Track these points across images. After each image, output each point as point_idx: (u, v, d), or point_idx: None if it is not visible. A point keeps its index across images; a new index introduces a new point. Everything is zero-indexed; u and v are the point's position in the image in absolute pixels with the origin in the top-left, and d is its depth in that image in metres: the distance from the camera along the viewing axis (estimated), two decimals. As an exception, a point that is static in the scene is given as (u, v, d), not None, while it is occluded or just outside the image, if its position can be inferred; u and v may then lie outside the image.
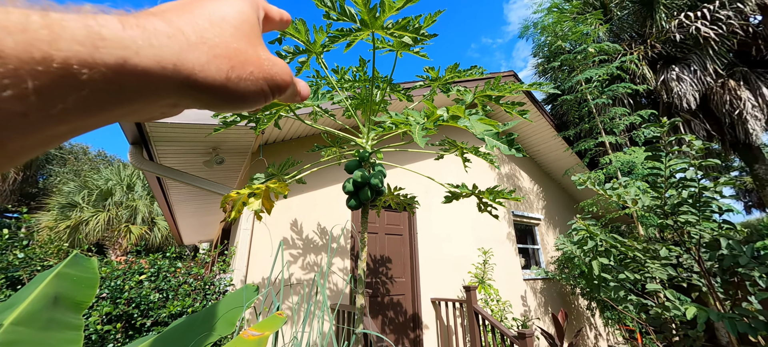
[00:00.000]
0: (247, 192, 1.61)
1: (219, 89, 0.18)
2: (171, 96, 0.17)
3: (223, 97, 0.18)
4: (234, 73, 0.18)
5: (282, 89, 0.22)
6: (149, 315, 2.24)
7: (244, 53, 0.19)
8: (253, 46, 0.20)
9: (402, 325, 3.92)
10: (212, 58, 0.17)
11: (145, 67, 0.15)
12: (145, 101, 0.16)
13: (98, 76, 0.13)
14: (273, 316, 1.03)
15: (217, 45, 0.18)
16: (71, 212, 10.41)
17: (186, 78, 0.16)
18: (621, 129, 4.37)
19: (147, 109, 0.17)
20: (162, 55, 0.15)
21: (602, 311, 5.19)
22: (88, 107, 0.14)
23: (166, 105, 0.17)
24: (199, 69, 0.17)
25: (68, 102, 0.13)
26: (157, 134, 2.74)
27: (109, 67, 0.14)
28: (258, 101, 0.20)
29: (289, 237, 3.46)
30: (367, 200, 1.99)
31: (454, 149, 2.48)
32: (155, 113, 0.18)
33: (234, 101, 0.19)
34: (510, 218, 5.81)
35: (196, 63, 0.17)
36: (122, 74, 0.14)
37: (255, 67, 0.19)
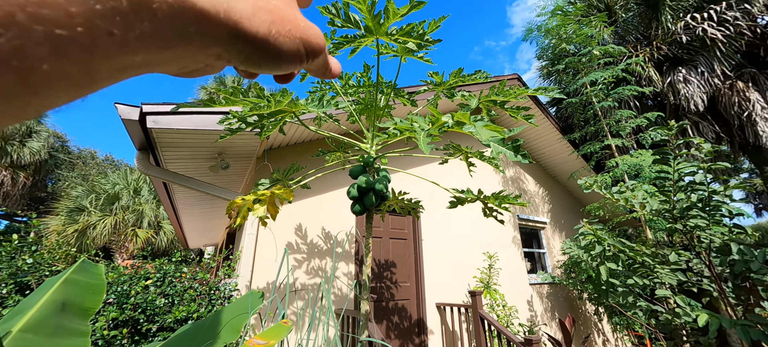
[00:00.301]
0: (252, 198, 1.62)
1: (262, 42, 0.19)
2: (219, 43, 0.17)
3: (264, 51, 0.19)
4: (275, 27, 0.19)
5: (316, 51, 0.22)
6: (155, 320, 2.25)
7: (284, 11, 0.20)
8: (292, 7, 0.21)
9: (407, 330, 3.89)
10: (257, 10, 0.18)
11: (202, 6, 0.16)
12: (199, 44, 0.17)
13: (166, 8, 0.14)
14: (278, 325, 1.03)
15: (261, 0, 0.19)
16: (79, 217, 10.54)
17: (235, 24, 0.17)
18: (627, 132, 4.32)
19: (198, 54, 0.17)
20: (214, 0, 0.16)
21: (610, 316, 5.10)
22: (158, 37, 0.15)
23: (213, 54, 0.18)
24: (247, 18, 0.18)
25: (144, 27, 0.14)
26: (164, 139, 2.77)
27: (176, 0, 0.15)
28: (294, 62, 0.21)
29: (293, 242, 3.46)
30: (372, 206, 1.99)
31: (459, 153, 2.47)
32: (201, 63, 0.19)
33: (274, 57, 0.20)
34: (515, 222, 5.76)
35: (244, 12, 0.18)
36: (184, 9, 0.15)
37: (293, 25, 0.20)
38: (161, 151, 2.95)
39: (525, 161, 1.08)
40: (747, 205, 16.90)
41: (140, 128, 2.50)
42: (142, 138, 2.71)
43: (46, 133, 13.61)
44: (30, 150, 12.68)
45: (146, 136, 2.65)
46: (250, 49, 0.18)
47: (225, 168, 3.20)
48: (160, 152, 2.96)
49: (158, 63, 0.16)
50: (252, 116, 1.51)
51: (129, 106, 2.42)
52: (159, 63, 0.16)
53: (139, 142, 2.78)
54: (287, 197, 1.65)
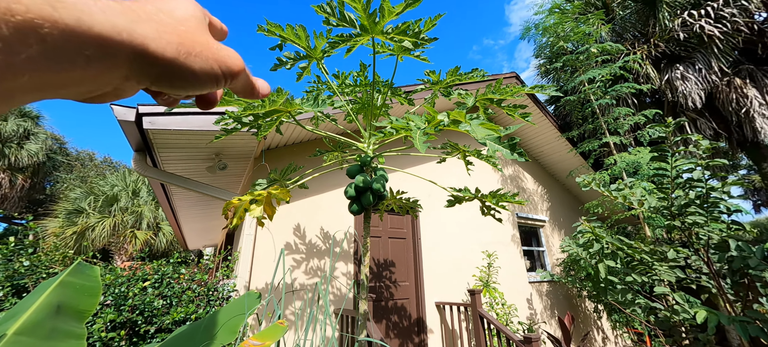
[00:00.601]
0: (248, 199, 1.61)
1: (170, 62, 0.19)
2: (123, 65, 0.17)
3: (173, 71, 0.19)
4: (183, 48, 0.19)
5: (234, 73, 0.22)
6: (153, 322, 2.24)
7: (192, 34, 0.20)
8: (201, 32, 0.21)
9: (406, 329, 3.89)
10: (162, 33, 0.18)
11: (100, 30, 0.16)
12: (101, 67, 0.16)
13: (58, 32, 0.14)
14: (274, 325, 1.02)
15: (166, 24, 0.19)
16: (77, 219, 10.51)
17: (139, 46, 0.17)
18: (625, 129, 4.32)
19: (103, 77, 0.17)
20: (115, 22, 0.16)
21: (610, 314, 5.11)
22: (50, 59, 0.15)
23: (119, 76, 0.18)
24: (152, 40, 0.18)
25: (32, 51, 0.14)
26: (160, 140, 2.76)
27: (68, 25, 0.15)
28: (209, 82, 0.21)
29: (291, 242, 3.46)
30: (370, 205, 1.98)
31: (457, 152, 2.47)
32: (109, 86, 0.18)
33: (186, 77, 0.20)
34: (514, 220, 5.76)
35: (147, 34, 0.18)
36: (79, 33, 0.15)
37: (204, 47, 0.20)
38: (158, 152, 2.94)
39: (521, 160, 1.08)
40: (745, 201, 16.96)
41: (137, 129, 2.49)
42: (138, 139, 2.69)
43: (44, 135, 13.57)
44: (28, 152, 12.64)
45: (143, 137, 2.64)
46: (158, 70, 0.18)
47: (222, 169, 3.19)
48: (157, 153, 2.95)
49: (55, 86, 0.16)
50: (247, 116, 1.50)
51: (125, 107, 2.40)
52: (56, 86, 0.16)
53: (136, 143, 2.77)
54: (284, 198, 1.64)
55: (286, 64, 1.78)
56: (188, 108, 2.55)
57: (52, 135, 14.17)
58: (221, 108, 2.68)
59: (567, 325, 3.49)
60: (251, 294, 1.68)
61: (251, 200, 1.60)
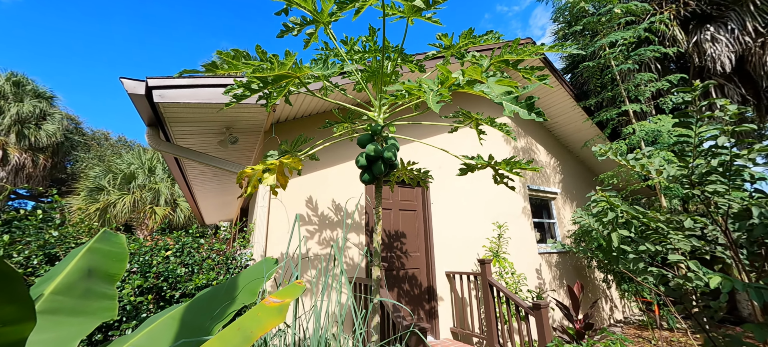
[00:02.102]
0: (261, 168, 1.63)
1: None
2: None
3: None
4: None
5: None
6: (177, 288, 2.37)
7: None
8: None
9: (417, 297, 4.01)
10: None
11: None
12: None
13: None
14: (293, 285, 1.06)
15: None
16: (99, 196, 10.96)
17: None
18: (647, 96, 4.11)
19: None
20: None
21: (619, 283, 5.15)
22: None
23: None
24: None
25: None
26: (172, 114, 2.77)
27: None
28: None
29: (304, 214, 3.53)
30: (381, 174, 1.98)
31: (469, 120, 2.41)
32: None
33: None
34: (525, 192, 5.71)
35: None
36: None
37: None
38: (170, 126, 2.97)
39: (539, 119, 1.04)
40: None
41: (147, 102, 2.51)
42: (150, 114, 2.72)
43: (60, 115, 13.88)
44: (46, 133, 13.02)
45: (154, 111, 2.66)
46: None
47: (234, 142, 3.22)
48: (169, 128, 2.98)
49: None
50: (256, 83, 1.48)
51: (134, 80, 2.41)
52: None
53: (148, 117, 2.80)
54: (296, 166, 1.65)
55: (293, 30, 1.73)
56: (197, 79, 2.53)
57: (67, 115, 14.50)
58: (229, 80, 2.66)
59: (576, 293, 3.54)
60: (268, 260, 1.74)
61: (264, 170, 1.61)
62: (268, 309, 0.95)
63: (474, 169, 2.05)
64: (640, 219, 2.51)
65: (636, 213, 2.51)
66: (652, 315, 5.44)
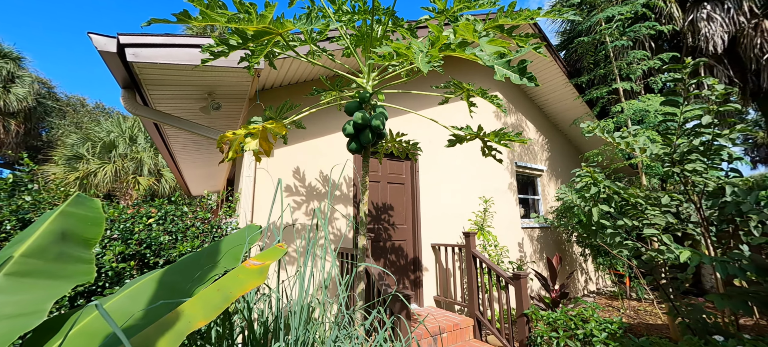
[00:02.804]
0: (244, 132, 1.56)
1: None
2: None
3: None
4: None
5: None
6: (161, 255, 2.34)
7: None
8: None
9: (403, 267, 4.12)
10: None
11: None
12: None
13: None
14: (274, 247, 1.05)
15: None
16: (78, 164, 10.56)
17: None
18: (638, 75, 4.11)
19: None
20: None
21: (595, 257, 5.41)
22: None
23: None
24: None
25: None
26: (148, 76, 2.61)
27: None
28: None
29: (291, 185, 3.49)
30: (368, 143, 1.94)
31: (460, 91, 2.36)
32: None
33: None
34: (513, 169, 5.79)
35: None
36: None
37: None
38: (147, 89, 2.81)
39: (531, 84, 1.01)
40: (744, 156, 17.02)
41: (120, 62, 2.34)
42: (124, 75, 2.55)
43: (30, 78, 13.01)
44: (16, 96, 12.23)
45: (129, 72, 2.50)
46: None
47: (216, 109, 3.09)
48: (146, 91, 2.82)
49: None
50: (235, 39, 1.38)
51: (105, 36, 2.23)
52: None
53: (123, 79, 2.63)
54: (279, 132, 1.59)
55: (276, -17, 1.60)
56: (174, 38, 2.37)
57: (38, 78, 13.60)
58: (204, 40, 2.50)
59: (554, 265, 3.71)
60: (252, 227, 1.71)
61: (246, 134, 1.55)
62: (248, 271, 0.93)
63: (463, 140, 2.03)
64: (621, 195, 2.59)
65: (617, 189, 2.57)
66: (623, 286, 5.79)
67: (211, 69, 2.64)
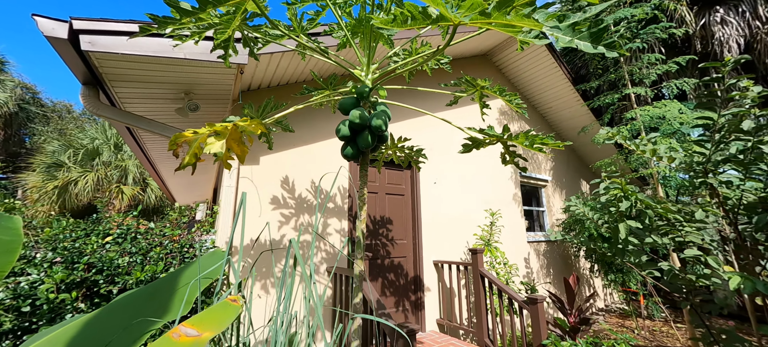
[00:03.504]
0: (207, 131, 1.21)
1: None
2: None
3: None
4: None
5: None
6: (116, 281, 1.94)
7: None
8: None
9: (402, 287, 3.73)
10: None
11: None
12: None
13: None
14: (223, 303, 0.68)
15: None
16: (58, 172, 10.02)
17: None
18: (652, 79, 3.86)
19: None
20: None
21: (606, 273, 5.08)
22: None
23: None
24: None
25: None
26: (111, 70, 2.25)
27: None
28: None
29: (279, 196, 3.12)
30: (367, 148, 1.60)
31: (472, 89, 2.04)
32: None
33: None
34: (516, 178, 5.49)
35: None
36: None
37: None
38: (112, 86, 2.44)
39: (612, 54, 0.69)
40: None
41: (74, 51, 1.98)
42: (83, 68, 2.19)
43: (12, 82, 12.51)
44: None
45: (87, 64, 2.14)
46: None
47: (194, 110, 2.73)
48: (111, 88, 2.46)
49: None
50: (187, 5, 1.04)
51: (54, 19, 1.87)
52: None
53: (82, 73, 2.26)
54: (255, 131, 1.24)
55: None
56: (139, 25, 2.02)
57: (22, 83, 13.09)
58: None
59: (572, 286, 3.36)
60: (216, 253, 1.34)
61: (211, 133, 1.19)
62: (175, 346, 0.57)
63: (481, 145, 1.70)
64: (655, 210, 2.27)
65: (652, 203, 2.26)
66: (635, 304, 5.46)
67: (185, 64, 2.30)
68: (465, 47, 4.70)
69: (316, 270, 3.15)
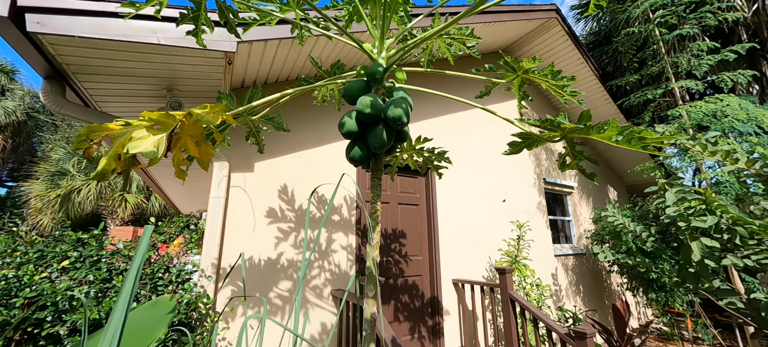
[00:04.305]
0: (145, 125, 0.80)
1: None
2: None
3: None
4: None
5: None
6: (64, 320, 1.54)
7: None
8: None
9: (418, 311, 3.26)
10: None
11: None
12: None
13: None
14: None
15: None
16: (62, 181, 9.87)
17: None
18: (705, 70, 3.35)
19: None
20: None
21: (646, 291, 4.51)
22: None
23: None
24: None
25: None
26: (72, 60, 1.89)
27: None
28: None
29: (276, 208, 2.71)
30: (382, 149, 1.17)
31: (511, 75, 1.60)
32: None
33: None
34: (540, 185, 4.99)
35: None
36: None
37: None
38: (79, 81, 2.08)
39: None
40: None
41: (21, 33, 1.62)
42: (39, 58, 1.83)
43: (21, 91, 12.57)
44: (4, 110, 11.74)
45: (41, 52, 1.78)
46: None
47: (176, 109, 2.36)
48: (78, 83, 2.10)
49: None
50: None
51: (-10, -7, 1.52)
52: None
53: (41, 65, 1.91)
54: (213, 120, 0.83)
55: None
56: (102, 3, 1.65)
57: (31, 92, 13.16)
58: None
59: (622, 312, 2.85)
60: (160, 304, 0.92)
61: (147, 126, 0.78)
62: None
63: (534, 143, 1.26)
64: (752, 226, 1.78)
65: (745, 218, 1.77)
66: (679, 325, 4.85)
67: (161, 51, 1.93)
68: (483, 43, 4.28)
69: (319, 294, 2.71)
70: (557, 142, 1.20)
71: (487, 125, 4.36)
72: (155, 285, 1.84)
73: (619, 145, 0.98)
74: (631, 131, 0.93)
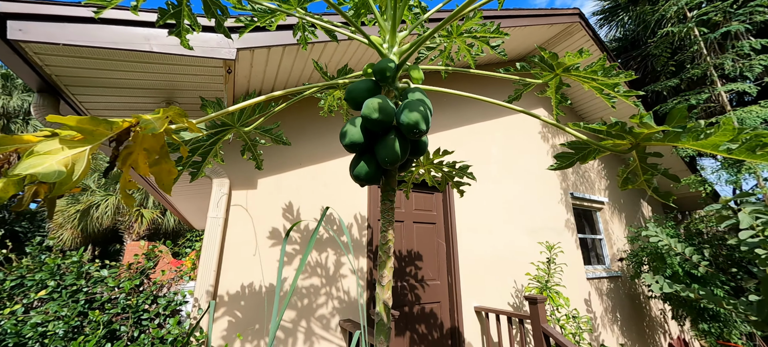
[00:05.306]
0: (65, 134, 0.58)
1: None
2: None
3: None
4: None
5: None
6: (30, 363, 1.33)
7: None
8: None
9: (436, 343, 2.92)
10: None
11: None
12: None
13: None
14: None
15: None
16: (82, 196, 10.14)
17: None
18: (758, 71, 2.96)
19: None
20: None
21: (695, 322, 3.97)
22: None
23: None
24: None
25: None
26: (62, 71, 1.77)
27: None
28: None
29: (281, 228, 2.49)
30: (394, 164, 0.92)
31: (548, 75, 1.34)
32: None
33: None
34: (568, 201, 4.58)
35: None
36: None
37: None
38: (73, 94, 1.97)
39: None
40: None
41: (5, 43, 1.50)
42: (27, 69, 1.72)
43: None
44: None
45: (27, 63, 1.66)
46: None
47: (175, 122, 2.20)
48: (72, 97, 1.98)
49: None
50: None
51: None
52: None
53: (31, 77, 1.80)
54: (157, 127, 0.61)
55: None
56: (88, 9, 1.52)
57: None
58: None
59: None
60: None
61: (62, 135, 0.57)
62: None
63: (590, 156, 0.98)
64: None
65: None
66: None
67: (156, 60, 1.78)
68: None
69: (325, 325, 2.43)
70: (626, 153, 0.92)
71: (507, 136, 4.07)
72: (139, 318, 1.63)
73: (733, 155, 0.69)
74: (757, 136, 0.64)
